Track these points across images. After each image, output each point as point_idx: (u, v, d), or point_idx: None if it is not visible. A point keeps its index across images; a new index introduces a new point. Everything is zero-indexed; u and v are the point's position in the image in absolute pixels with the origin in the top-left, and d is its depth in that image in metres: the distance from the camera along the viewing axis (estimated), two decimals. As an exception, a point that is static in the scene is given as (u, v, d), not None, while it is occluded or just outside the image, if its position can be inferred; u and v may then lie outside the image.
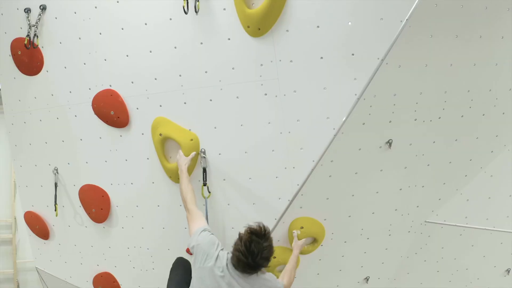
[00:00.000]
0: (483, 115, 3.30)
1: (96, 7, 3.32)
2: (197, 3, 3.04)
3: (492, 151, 3.45)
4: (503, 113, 3.36)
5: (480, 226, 3.60)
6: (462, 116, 3.25)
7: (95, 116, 3.43)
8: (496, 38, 3.13)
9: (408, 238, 3.56)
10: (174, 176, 3.31)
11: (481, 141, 3.38)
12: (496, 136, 3.41)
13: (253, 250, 2.72)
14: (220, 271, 2.81)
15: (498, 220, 3.62)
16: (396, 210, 3.43)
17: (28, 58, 3.53)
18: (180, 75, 3.21)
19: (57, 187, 3.65)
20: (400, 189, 3.36)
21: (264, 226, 2.80)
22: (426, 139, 3.24)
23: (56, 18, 3.44)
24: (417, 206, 3.47)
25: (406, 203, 3.43)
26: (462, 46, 3.05)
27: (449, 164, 3.38)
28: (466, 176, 3.48)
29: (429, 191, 3.43)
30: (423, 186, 3.40)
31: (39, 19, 3.46)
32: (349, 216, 3.36)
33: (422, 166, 3.32)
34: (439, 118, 3.20)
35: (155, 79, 3.26)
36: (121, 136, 3.41)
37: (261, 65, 3.06)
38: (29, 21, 3.47)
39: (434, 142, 3.27)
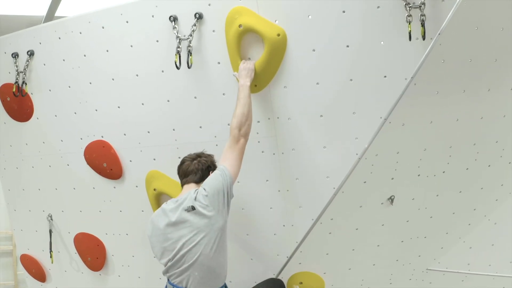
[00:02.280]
0: (489, 166, 3.05)
1: (85, 55, 3.04)
2: (190, 57, 2.75)
3: (496, 200, 3.21)
4: (509, 163, 3.10)
5: (482, 272, 3.39)
6: (467, 168, 2.99)
7: (88, 166, 3.20)
8: (505, 90, 2.83)
9: (409, 285, 3.34)
10: (170, 230, 3.09)
11: (486, 191, 3.13)
12: (502, 185, 3.16)
13: None
14: None
15: (501, 266, 3.40)
16: (397, 260, 3.21)
17: (17, 105, 3.27)
18: (173, 129, 2.95)
19: (52, 234, 3.44)
20: (402, 241, 3.13)
21: None
22: (429, 193, 2.99)
23: (44, 64, 3.17)
24: (419, 256, 3.24)
25: (408, 254, 3.20)
26: (470, 100, 2.77)
27: (453, 215, 3.14)
28: (469, 224, 3.24)
29: (431, 241, 3.20)
30: (425, 237, 3.16)
31: (27, 65, 3.18)
32: (349, 269, 3.14)
33: (425, 219, 3.07)
34: (443, 172, 2.95)
35: (148, 132, 3.00)
36: (114, 187, 3.17)
37: (258, 122, 2.79)
38: (17, 66, 3.20)
39: (437, 195, 3.02)
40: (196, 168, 2.66)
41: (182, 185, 2.72)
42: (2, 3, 4.26)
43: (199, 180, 2.66)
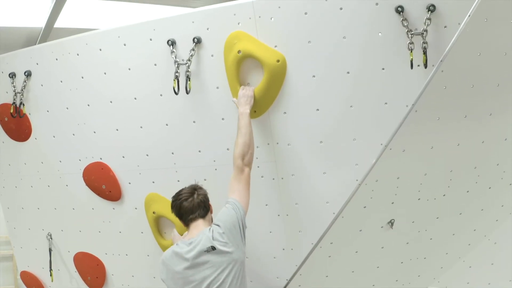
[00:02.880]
0: (489, 188, 3.00)
1: (82, 77, 2.97)
2: (189, 82, 2.69)
3: (497, 220, 3.17)
4: (510, 184, 3.05)
5: (481, 291, 3.37)
6: (467, 191, 2.95)
7: (87, 187, 3.15)
8: (507, 114, 2.78)
9: (408, 304, 3.33)
10: (169, 253, 3.05)
11: (486, 212, 3.08)
12: (502, 206, 3.12)
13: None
14: None
15: (500, 284, 3.37)
16: (397, 281, 3.17)
17: (15, 125, 3.21)
18: (172, 153, 2.89)
19: (52, 252, 3.40)
20: (402, 262, 3.09)
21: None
22: (429, 216, 2.95)
23: (42, 85, 3.11)
24: (419, 276, 3.21)
25: (408, 274, 3.17)
26: (471, 125, 2.71)
27: (453, 236, 3.10)
28: (469, 244, 3.20)
29: (431, 261, 3.17)
30: (425, 258, 3.13)
31: (24, 85, 3.12)
32: (349, 290, 3.12)
33: (425, 240, 3.04)
34: (444, 195, 2.90)
35: (147, 155, 2.95)
36: (114, 209, 3.12)
37: (257, 147, 2.73)
38: (14, 87, 3.13)
39: (437, 218, 2.98)
40: (201, 201, 2.58)
41: (188, 223, 2.58)
42: (0, 15, 4.18)
43: (205, 214, 2.60)
